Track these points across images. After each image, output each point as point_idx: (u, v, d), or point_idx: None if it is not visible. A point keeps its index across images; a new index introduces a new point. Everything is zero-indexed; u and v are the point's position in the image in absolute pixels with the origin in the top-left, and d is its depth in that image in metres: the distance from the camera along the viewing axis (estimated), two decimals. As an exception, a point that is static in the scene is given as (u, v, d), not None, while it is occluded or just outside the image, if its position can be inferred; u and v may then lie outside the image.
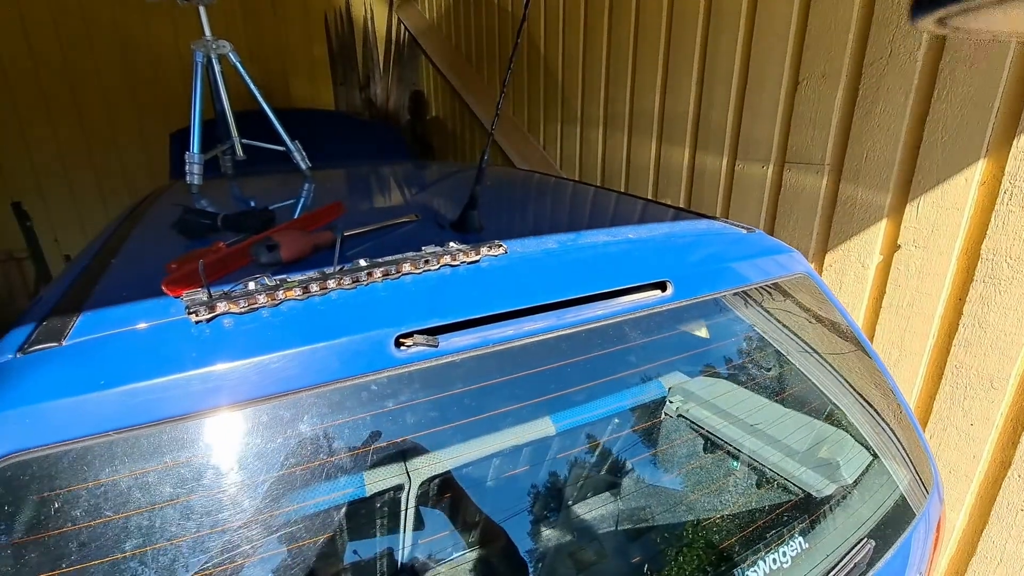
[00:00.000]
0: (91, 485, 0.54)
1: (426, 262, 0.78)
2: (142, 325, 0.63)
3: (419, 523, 0.67)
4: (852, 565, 0.88)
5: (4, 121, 4.27)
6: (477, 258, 0.82)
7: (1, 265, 4.47)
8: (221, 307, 0.64)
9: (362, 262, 0.76)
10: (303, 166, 1.66)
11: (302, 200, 1.37)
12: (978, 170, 1.46)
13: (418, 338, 0.67)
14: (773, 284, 1.04)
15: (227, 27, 4.82)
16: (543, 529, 0.75)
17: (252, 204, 1.24)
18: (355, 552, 0.64)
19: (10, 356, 0.60)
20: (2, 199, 4.12)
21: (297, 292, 0.69)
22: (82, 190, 4.66)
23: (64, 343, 0.60)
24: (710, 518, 0.85)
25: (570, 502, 0.78)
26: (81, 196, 4.66)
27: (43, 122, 4.41)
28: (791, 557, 0.84)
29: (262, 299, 0.66)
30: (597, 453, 0.82)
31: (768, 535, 0.85)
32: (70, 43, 4.38)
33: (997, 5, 0.25)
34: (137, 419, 0.56)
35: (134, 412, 0.56)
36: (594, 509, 0.79)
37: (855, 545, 0.91)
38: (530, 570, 0.72)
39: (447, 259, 0.80)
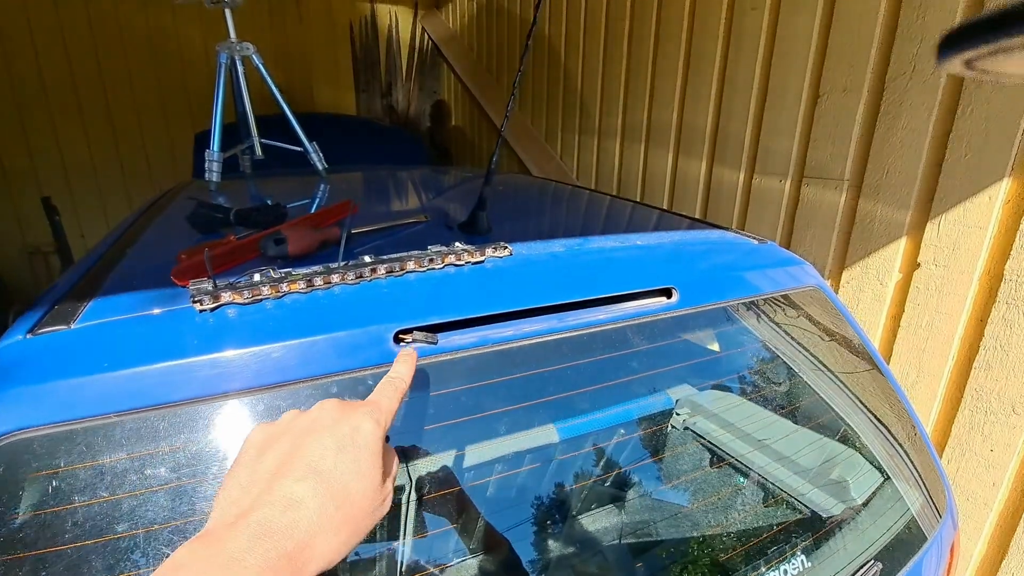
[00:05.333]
0: (91, 465, 0.54)
1: (430, 260, 0.78)
2: (149, 312, 0.64)
3: (413, 520, 0.66)
4: (859, 586, 0.85)
5: (39, 120, 4.41)
6: (482, 258, 0.82)
7: (28, 259, 4.60)
8: (225, 297, 0.65)
9: (366, 258, 0.76)
10: (320, 167, 1.69)
11: (316, 199, 1.39)
12: (1002, 189, 1.43)
13: (417, 334, 0.67)
14: (783, 296, 1.02)
15: (255, 34, 4.94)
16: (540, 538, 0.74)
17: (266, 201, 1.27)
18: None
19: (19, 337, 0.61)
20: (32, 194, 4.25)
21: (301, 285, 0.69)
22: (109, 188, 4.78)
23: (72, 326, 0.62)
24: (716, 534, 0.83)
25: (570, 512, 0.77)
26: (108, 194, 4.79)
27: (75, 121, 4.55)
28: (797, 574, 0.82)
29: (266, 291, 0.67)
30: (598, 463, 0.81)
31: (774, 552, 0.83)
32: (104, 47, 4.53)
33: None
34: (138, 402, 0.57)
35: (135, 395, 0.56)
36: (596, 520, 0.78)
37: (862, 566, 0.88)
38: None
39: (451, 258, 0.80)
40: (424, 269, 0.78)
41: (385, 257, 0.77)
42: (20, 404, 0.55)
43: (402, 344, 0.67)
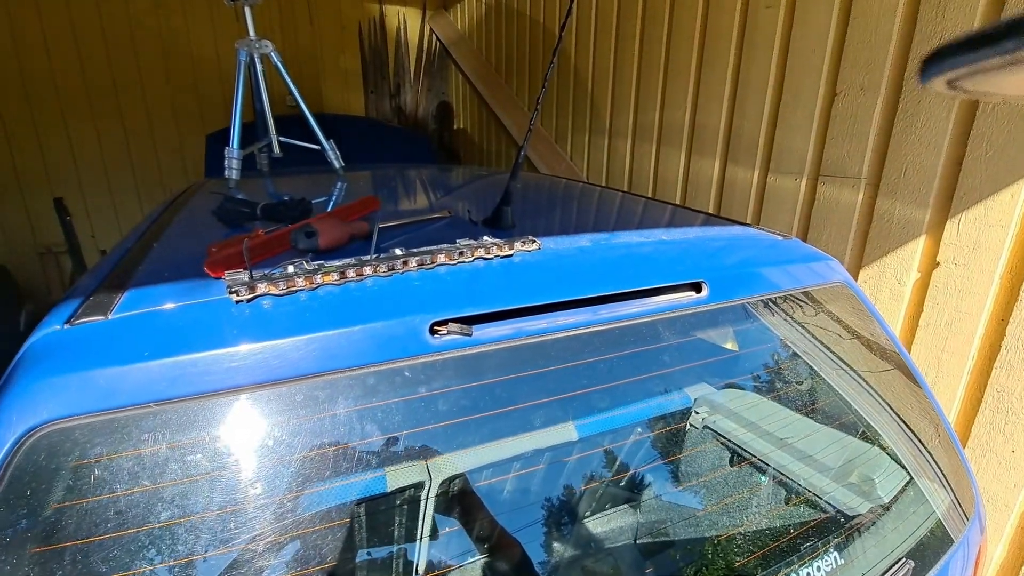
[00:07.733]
0: (131, 454, 0.54)
1: (460, 254, 0.78)
2: (184, 303, 0.64)
3: (443, 506, 0.66)
4: (890, 587, 0.84)
5: (51, 120, 4.44)
6: (511, 252, 0.82)
7: (40, 259, 4.62)
8: (261, 288, 0.65)
9: (397, 251, 0.76)
10: (337, 164, 1.69)
11: (337, 195, 1.39)
12: (1025, 186, 1.42)
13: (453, 326, 0.67)
14: (810, 291, 1.01)
15: (265, 34, 4.95)
16: (582, 533, 0.74)
17: (292, 197, 1.28)
18: (381, 535, 0.63)
19: (57, 327, 0.61)
20: (44, 194, 4.28)
21: (334, 277, 0.69)
22: (120, 188, 4.81)
23: (110, 316, 0.62)
24: (739, 533, 0.82)
25: (608, 506, 0.76)
26: (119, 194, 4.81)
27: (87, 122, 4.58)
28: (828, 572, 0.81)
29: (300, 282, 0.67)
30: (625, 454, 0.81)
31: (797, 554, 0.82)
32: (116, 48, 4.56)
33: (1007, 67, 0.24)
34: (177, 392, 0.56)
35: (174, 384, 0.56)
36: (622, 514, 0.77)
37: (893, 565, 0.87)
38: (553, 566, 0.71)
39: (481, 252, 0.80)
40: (455, 262, 0.77)
41: (415, 250, 0.77)
42: (59, 393, 0.55)
43: (438, 335, 0.67)
